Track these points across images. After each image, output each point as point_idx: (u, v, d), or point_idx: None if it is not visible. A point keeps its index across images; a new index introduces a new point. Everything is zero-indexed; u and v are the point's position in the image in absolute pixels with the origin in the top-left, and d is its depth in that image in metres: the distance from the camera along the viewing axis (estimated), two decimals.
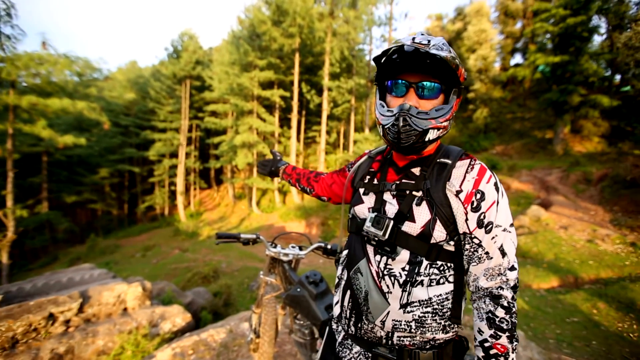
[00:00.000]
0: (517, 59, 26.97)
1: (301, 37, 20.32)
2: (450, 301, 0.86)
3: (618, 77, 19.70)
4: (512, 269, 0.82)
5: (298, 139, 24.34)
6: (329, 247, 1.79)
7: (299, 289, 1.67)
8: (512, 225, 0.84)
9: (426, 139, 0.83)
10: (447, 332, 0.88)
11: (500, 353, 0.79)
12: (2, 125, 13.14)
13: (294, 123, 21.66)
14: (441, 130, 0.84)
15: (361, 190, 0.99)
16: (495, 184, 0.84)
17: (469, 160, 0.87)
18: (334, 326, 1.04)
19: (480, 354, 0.81)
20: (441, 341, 0.88)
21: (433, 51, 0.75)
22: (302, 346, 1.74)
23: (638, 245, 7.38)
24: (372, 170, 1.01)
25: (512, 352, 0.79)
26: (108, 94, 29.82)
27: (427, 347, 0.88)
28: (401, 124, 0.81)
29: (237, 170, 26.92)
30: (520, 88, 24.13)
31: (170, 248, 16.87)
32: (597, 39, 19.52)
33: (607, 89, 19.07)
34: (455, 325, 0.89)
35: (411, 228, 0.84)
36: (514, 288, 0.82)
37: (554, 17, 16.32)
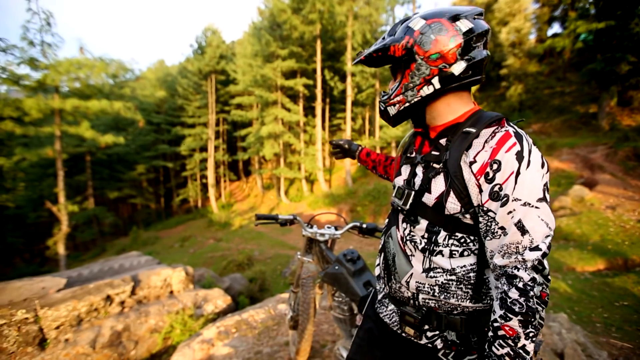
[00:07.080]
0: (555, 28, 24.87)
1: (322, 23, 20.00)
2: (475, 273, 0.86)
3: None
4: (534, 249, 0.74)
5: (323, 127, 24.28)
6: (364, 226, 1.81)
7: (337, 267, 1.72)
8: (541, 200, 0.75)
9: (390, 115, 0.98)
10: (477, 302, 0.87)
11: (508, 336, 0.74)
12: (50, 128, 14.26)
13: (318, 111, 21.60)
14: (397, 105, 0.94)
15: (401, 163, 1.05)
16: (518, 153, 0.76)
17: (494, 128, 0.82)
18: (377, 286, 1.12)
19: (490, 333, 0.78)
20: (471, 309, 0.88)
21: (364, 54, 0.96)
22: (342, 322, 1.80)
23: None
24: (414, 143, 1.05)
25: (525, 339, 0.73)
26: (140, 93, 31.17)
27: (455, 312, 0.89)
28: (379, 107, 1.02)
29: (265, 161, 27.39)
30: (560, 60, 22.31)
31: (205, 238, 17.67)
32: None
33: None
34: (487, 297, 0.87)
35: (428, 199, 0.88)
36: (536, 270, 0.74)
37: None
